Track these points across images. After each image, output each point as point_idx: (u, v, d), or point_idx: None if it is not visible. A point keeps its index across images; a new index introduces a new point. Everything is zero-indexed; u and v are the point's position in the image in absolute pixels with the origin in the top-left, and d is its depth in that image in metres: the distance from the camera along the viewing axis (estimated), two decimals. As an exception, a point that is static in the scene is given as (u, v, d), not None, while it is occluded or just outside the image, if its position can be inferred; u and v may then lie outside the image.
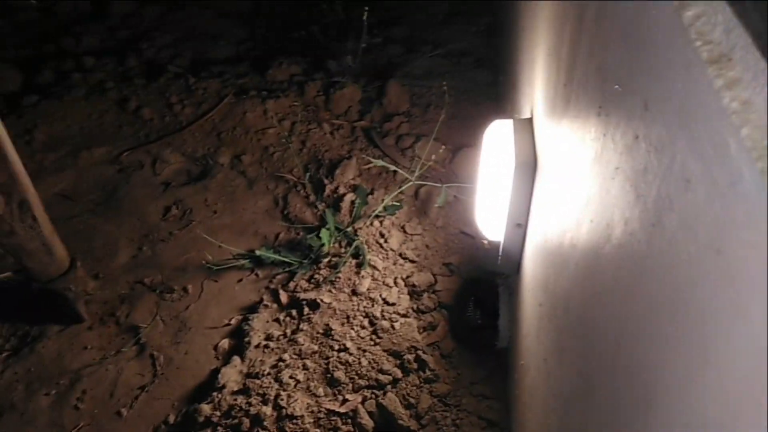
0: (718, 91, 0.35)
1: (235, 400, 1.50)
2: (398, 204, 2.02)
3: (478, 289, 1.69)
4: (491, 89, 2.50)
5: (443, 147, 2.23)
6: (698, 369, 0.38)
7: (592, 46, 0.73)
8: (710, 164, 0.36)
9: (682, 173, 0.41)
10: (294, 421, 1.42)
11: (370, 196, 2.08)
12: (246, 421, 1.44)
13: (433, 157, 2.16)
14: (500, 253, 1.41)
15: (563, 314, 0.84)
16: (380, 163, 2.12)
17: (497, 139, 1.32)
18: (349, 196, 2.08)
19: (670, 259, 0.43)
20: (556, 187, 0.96)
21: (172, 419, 1.55)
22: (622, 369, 0.54)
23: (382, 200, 2.04)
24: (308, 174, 2.23)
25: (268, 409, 1.45)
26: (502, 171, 1.28)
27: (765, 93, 0.31)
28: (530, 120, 1.30)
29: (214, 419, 1.47)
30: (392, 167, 2.16)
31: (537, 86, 1.26)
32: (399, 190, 2.07)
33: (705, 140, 0.37)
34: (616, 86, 0.61)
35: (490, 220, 1.40)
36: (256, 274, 1.93)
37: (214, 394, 1.54)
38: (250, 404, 1.48)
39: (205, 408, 1.50)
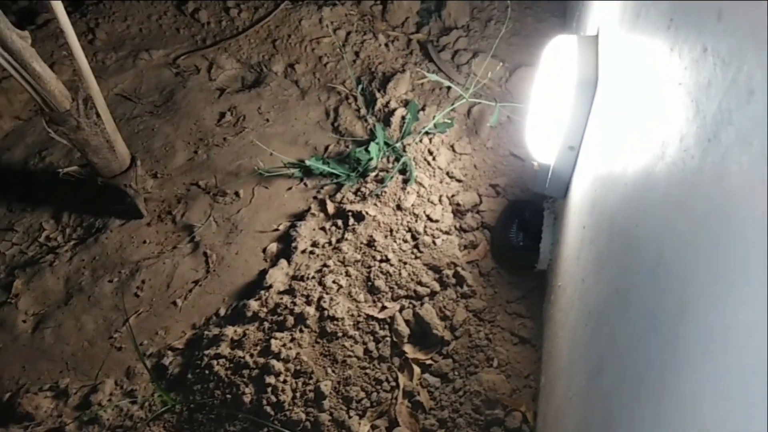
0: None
1: (281, 299, 1.59)
2: (449, 122, 1.99)
3: (523, 212, 1.68)
4: (558, 4, 2.36)
5: (501, 64, 2.15)
6: (735, 275, 0.38)
7: None
8: (777, 73, 0.34)
9: (746, 85, 0.40)
10: (335, 322, 1.50)
11: (421, 112, 2.06)
12: (290, 319, 1.53)
13: (490, 74, 2.10)
14: (549, 176, 1.39)
15: (607, 234, 0.84)
16: (434, 78, 2.08)
17: (558, 56, 1.27)
18: (400, 111, 2.06)
19: (721, 172, 0.42)
20: (614, 109, 0.93)
21: (222, 312, 1.66)
22: (659, 282, 0.55)
23: (434, 117, 2.01)
24: (360, 86, 2.21)
25: (311, 309, 1.54)
26: (559, 90, 1.24)
27: None
28: (595, 37, 1.23)
29: (261, 315, 1.57)
30: (446, 83, 2.11)
31: (606, 0, 1.18)
32: (451, 107, 2.03)
33: (775, 48, 0.35)
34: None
35: (541, 142, 1.37)
36: (305, 184, 1.98)
37: (262, 292, 1.63)
38: (294, 304, 1.56)
39: (253, 304, 1.59)
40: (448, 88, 2.13)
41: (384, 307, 1.55)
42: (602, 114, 1.06)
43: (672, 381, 0.49)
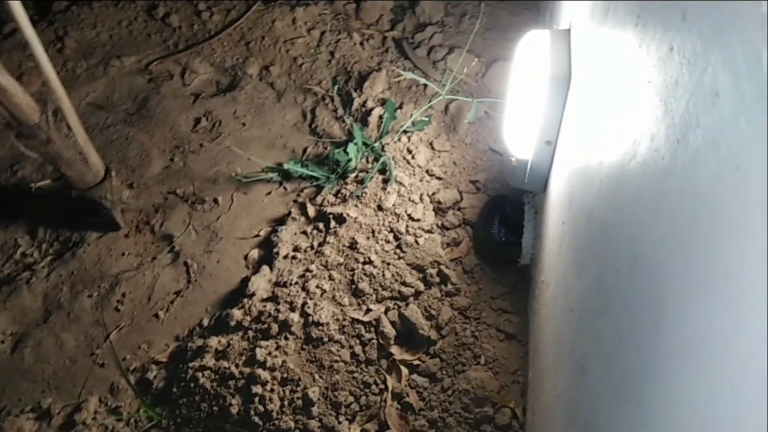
0: (759, -3, 0.32)
1: (265, 306, 1.57)
2: (427, 119, 1.99)
3: (503, 207, 1.68)
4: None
5: (477, 59, 2.15)
6: (710, 283, 0.38)
7: None
8: (740, 77, 0.34)
9: (711, 86, 0.39)
10: (320, 327, 1.49)
11: (399, 111, 2.05)
12: (275, 326, 1.52)
13: (466, 70, 2.09)
14: (528, 171, 1.39)
15: (585, 231, 0.84)
16: (410, 75, 2.07)
17: (532, 50, 1.27)
18: (378, 111, 2.05)
19: (691, 175, 0.42)
20: (588, 104, 0.93)
21: (205, 322, 1.64)
22: (637, 282, 0.55)
23: (411, 115, 2.01)
24: (337, 87, 2.19)
25: (295, 316, 1.52)
26: (534, 85, 1.24)
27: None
28: (568, 32, 1.23)
29: (245, 323, 1.56)
30: (423, 80, 2.10)
31: (576, -6, 1.18)
32: (428, 105, 2.02)
33: (738, 51, 0.35)
34: (656, -8, 0.57)
35: (518, 137, 1.37)
36: (285, 188, 1.96)
37: (245, 300, 1.61)
38: (278, 311, 1.55)
39: (237, 313, 1.58)
40: (425, 85, 2.12)
41: (369, 310, 1.54)
42: (577, 108, 1.06)
43: (653, 383, 0.49)
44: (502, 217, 1.66)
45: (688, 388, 0.42)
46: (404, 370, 1.47)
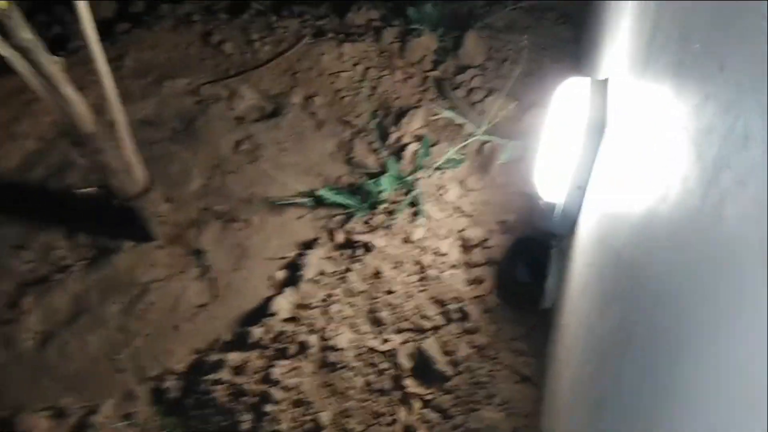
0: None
1: (285, 326, 1.59)
2: (461, 158, 2.02)
3: (529, 249, 1.68)
4: (573, 47, 2.40)
5: (515, 103, 2.18)
6: (733, 318, 0.39)
7: (677, 8, 0.71)
8: (770, 120, 0.35)
9: (743, 132, 0.41)
10: (337, 352, 1.50)
11: (433, 148, 2.09)
12: (292, 347, 1.53)
13: (503, 113, 2.13)
14: (557, 215, 1.40)
15: (612, 272, 0.84)
16: (448, 114, 2.11)
17: (569, 97, 1.29)
18: (413, 146, 2.09)
19: (720, 214, 0.43)
20: (621, 150, 0.95)
21: (226, 337, 1.66)
22: (659, 320, 0.55)
23: (446, 153, 2.04)
24: (375, 120, 2.25)
25: (314, 339, 1.53)
26: (569, 130, 1.26)
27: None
28: (606, 81, 1.26)
29: (264, 342, 1.57)
30: (459, 120, 2.14)
31: (618, 46, 1.21)
32: (463, 144, 2.06)
33: (770, 99, 0.36)
34: (696, 45, 0.60)
35: (549, 180, 1.38)
36: (316, 213, 1.99)
37: (266, 319, 1.64)
38: (298, 332, 1.56)
39: (257, 331, 1.60)
40: (461, 125, 2.16)
41: (387, 340, 1.55)
42: (610, 154, 1.07)
43: (668, 422, 0.49)
44: (527, 259, 1.66)
45: (706, 422, 0.43)
46: (416, 404, 1.46)
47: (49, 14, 2.90)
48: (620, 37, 1.19)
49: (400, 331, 1.57)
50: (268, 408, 1.40)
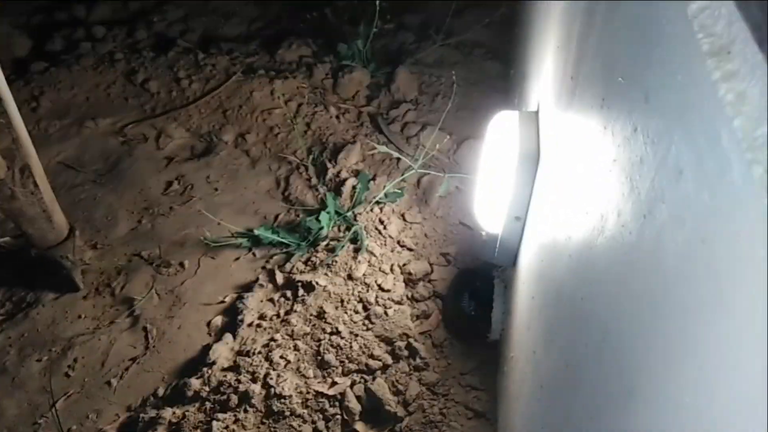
0: (715, 83, 0.35)
1: (225, 376, 1.51)
2: (400, 192, 2.02)
3: (473, 281, 1.69)
4: (501, 82, 2.48)
5: (449, 137, 2.22)
6: (680, 359, 0.38)
7: (601, 40, 0.73)
8: (702, 155, 0.35)
9: (675, 164, 0.41)
10: (282, 400, 1.43)
11: (372, 183, 2.08)
12: (234, 398, 1.45)
13: (438, 146, 2.15)
14: (497, 246, 1.41)
15: (554, 306, 0.84)
16: (384, 149, 2.12)
17: (502, 130, 1.32)
18: (351, 181, 2.08)
19: (658, 250, 0.42)
20: (556, 181, 0.96)
21: (161, 392, 1.56)
22: (607, 357, 0.54)
23: (384, 187, 2.03)
24: (311, 156, 2.22)
25: (257, 387, 1.46)
26: (504, 163, 1.28)
27: (760, 85, 0.31)
28: (536, 113, 1.29)
29: (203, 394, 1.48)
30: (396, 154, 2.15)
31: (545, 79, 1.25)
32: (401, 178, 2.06)
33: (699, 132, 0.37)
34: (620, 78, 0.61)
35: (488, 212, 1.40)
36: (254, 254, 1.93)
37: (205, 369, 1.55)
38: (239, 381, 1.49)
39: (195, 382, 1.51)
40: (398, 159, 2.17)
41: (334, 383, 1.49)
42: (546, 185, 1.09)
43: None
44: (472, 291, 1.66)
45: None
46: (368, 449, 1.40)
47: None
48: (546, 71, 1.22)
49: (347, 372, 1.52)
50: (209, 467, 1.31)
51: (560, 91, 1.00)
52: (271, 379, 1.47)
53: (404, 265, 1.81)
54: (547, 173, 1.09)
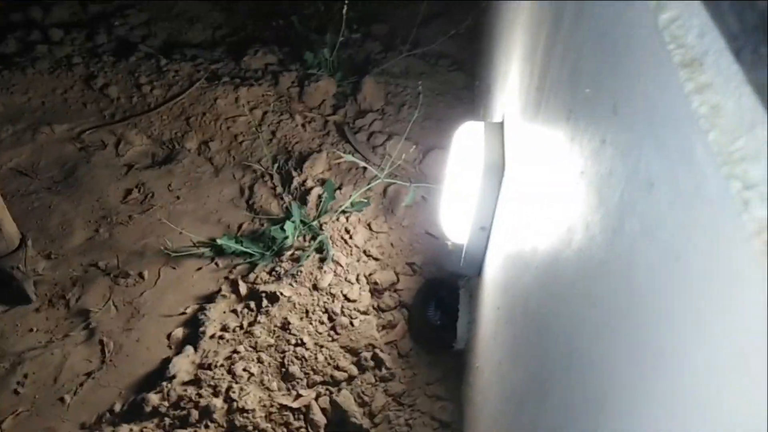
0: (688, 95, 0.34)
1: (185, 390, 1.46)
2: (366, 201, 2.00)
3: (439, 290, 1.68)
4: (466, 93, 2.50)
5: (415, 147, 2.22)
6: (652, 377, 0.37)
7: (567, 50, 0.73)
8: (675, 169, 0.35)
9: (646, 177, 0.41)
10: (245, 414, 1.39)
11: (338, 192, 2.06)
12: (195, 413, 1.40)
13: (404, 156, 2.15)
14: (463, 256, 1.41)
15: (521, 317, 0.84)
16: (350, 158, 2.10)
17: (467, 141, 1.32)
18: (317, 190, 2.05)
19: (629, 265, 0.42)
20: (522, 192, 0.96)
21: (117, 408, 1.50)
22: (575, 372, 0.53)
23: (350, 196, 2.02)
24: (276, 165, 2.19)
25: (218, 402, 1.42)
26: (469, 173, 1.28)
27: (735, 97, 0.31)
28: (501, 124, 1.30)
29: (162, 409, 1.43)
30: (362, 164, 2.14)
31: (510, 90, 1.26)
32: (367, 187, 2.05)
33: (671, 144, 0.36)
34: (587, 90, 0.61)
35: (454, 222, 1.40)
36: (216, 264, 1.89)
37: (164, 383, 1.49)
38: (200, 395, 1.44)
39: (153, 397, 1.45)
40: (364, 168, 2.16)
41: (299, 395, 1.46)
42: (511, 196, 1.09)
43: None
44: (437, 300, 1.65)
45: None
46: (334, 463, 1.38)
47: None
48: (512, 82, 1.23)
49: (312, 385, 1.49)
50: (167, 486, 1.26)
51: (526, 102, 1.00)
52: (234, 392, 1.43)
53: (370, 274, 1.80)
54: (512, 184, 1.09)
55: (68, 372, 1.59)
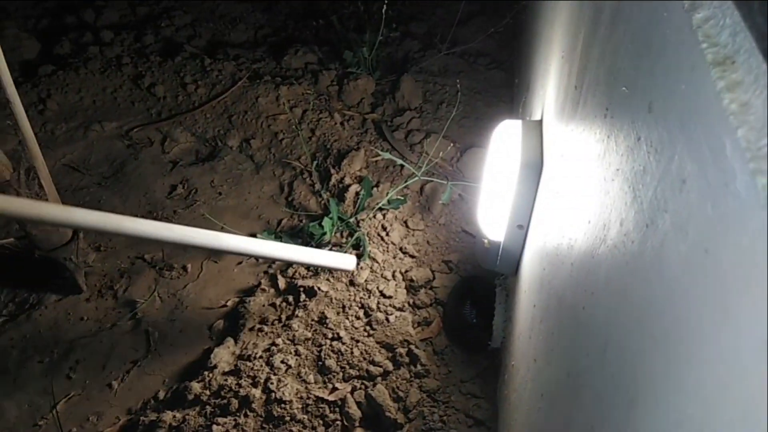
0: (719, 93, 0.35)
1: (226, 380, 1.51)
2: (402, 198, 2.02)
3: (475, 288, 1.69)
4: (505, 91, 2.49)
5: (452, 145, 2.22)
6: (682, 368, 0.38)
7: (604, 49, 0.73)
8: (706, 165, 0.36)
9: (678, 174, 0.41)
10: (282, 405, 1.43)
11: (375, 189, 2.08)
12: (235, 402, 1.45)
13: (441, 154, 2.16)
14: (500, 254, 1.41)
15: (555, 314, 0.84)
16: (388, 156, 2.12)
17: (505, 139, 1.32)
18: (355, 187, 2.08)
19: (660, 259, 0.43)
20: (559, 190, 0.96)
21: (162, 395, 1.56)
22: (608, 367, 0.54)
23: (387, 193, 2.04)
24: (315, 162, 2.23)
25: (257, 392, 1.46)
26: (507, 171, 1.28)
27: (765, 95, 0.31)
28: (540, 122, 1.30)
29: (204, 398, 1.48)
30: (399, 161, 2.16)
31: (549, 89, 1.25)
32: (404, 185, 2.07)
33: (703, 141, 0.37)
34: (624, 88, 0.61)
35: (491, 220, 1.40)
36: (256, 258, 1.93)
37: (206, 373, 1.55)
38: (240, 385, 1.49)
39: (196, 386, 1.51)
40: (402, 166, 2.18)
41: (335, 389, 1.49)
42: (549, 194, 1.09)
43: None
44: (473, 298, 1.66)
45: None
46: (368, 456, 1.40)
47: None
48: (551, 81, 1.23)
49: (348, 378, 1.52)
50: (208, 471, 1.31)
51: (564, 101, 1.00)
52: (272, 383, 1.47)
53: (406, 271, 1.82)
54: (550, 182, 1.09)
55: (116, 359, 1.66)
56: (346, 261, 1.59)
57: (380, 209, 2.00)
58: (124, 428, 1.49)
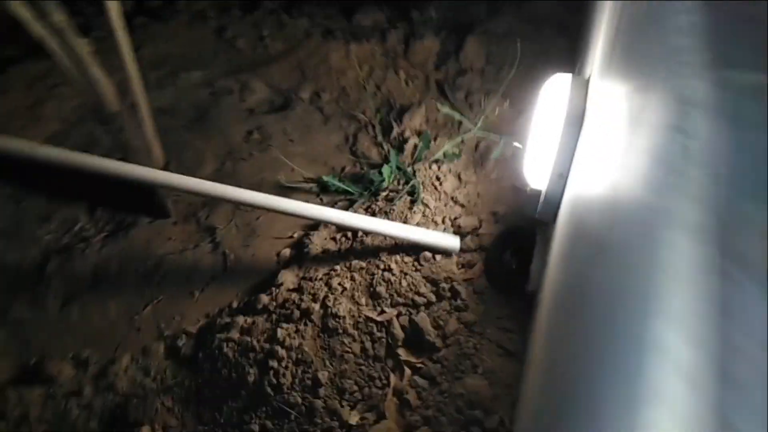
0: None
1: (290, 295, 1.73)
2: (458, 152, 2.16)
3: (517, 237, 1.82)
4: (567, 55, 2.55)
5: (510, 104, 2.33)
6: (671, 275, 0.52)
7: (632, 12, 0.84)
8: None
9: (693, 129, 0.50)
10: (337, 319, 1.64)
11: (432, 143, 2.23)
12: (297, 313, 1.67)
13: (497, 112, 2.27)
14: (541, 201, 1.54)
15: (583, 249, 0.97)
16: (447, 111, 2.26)
17: (554, 93, 1.44)
18: (414, 140, 2.24)
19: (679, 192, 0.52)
20: (597, 142, 1.08)
21: (235, 304, 1.81)
22: (616, 288, 0.64)
23: (444, 147, 2.18)
24: (379, 116, 2.40)
25: (316, 306, 1.68)
26: (552, 123, 1.40)
27: None
28: (587, 80, 1.40)
29: (271, 307, 1.72)
30: (458, 117, 2.29)
31: (597, 48, 1.36)
32: (459, 139, 2.20)
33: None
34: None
35: (535, 169, 1.53)
36: (321, 199, 2.14)
37: (273, 288, 1.78)
38: (302, 300, 1.71)
39: (264, 298, 1.74)
40: (459, 123, 2.31)
41: (383, 311, 1.69)
42: (588, 146, 1.21)
43: (618, 384, 0.53)
44: (515, 246, 1.80)
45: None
46: (407, 371, 1.59)
47: (72, 5, 3.06)
48: (600, 41, 1.33)
49: (395, 305, 1.71)
50: (272, 364, 1.54)
51: (606, 60, 1.11)
52: (329, 301, 1.68)
53: (455, 219, 1.97)
54: (590, 135, 1.21)
55: (197, 274, 1.92)
56: (449, 241, 1.77)
57: (436, 161, 2.15)
58: (203, 326, 1.75)
